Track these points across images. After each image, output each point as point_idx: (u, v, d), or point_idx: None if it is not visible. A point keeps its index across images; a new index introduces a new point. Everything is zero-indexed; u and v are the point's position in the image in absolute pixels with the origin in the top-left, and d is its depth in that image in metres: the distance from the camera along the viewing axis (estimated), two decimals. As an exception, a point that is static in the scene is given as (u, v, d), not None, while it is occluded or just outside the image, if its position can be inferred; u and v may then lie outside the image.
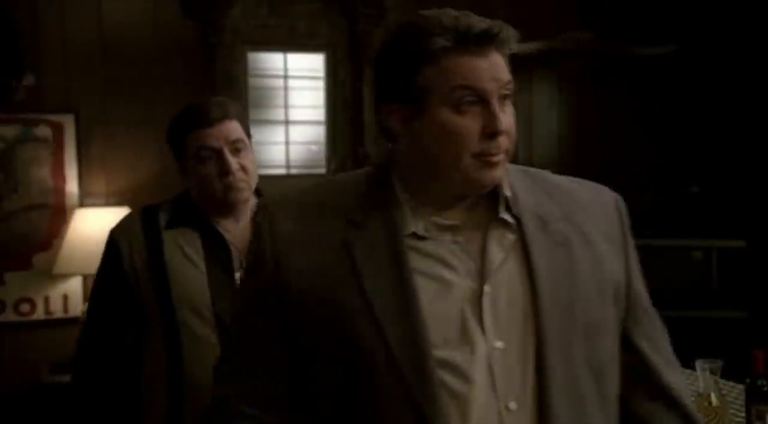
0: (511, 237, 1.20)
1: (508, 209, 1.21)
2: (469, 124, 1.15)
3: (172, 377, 1.96)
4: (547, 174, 1.33)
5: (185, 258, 1.98)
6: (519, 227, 1.21)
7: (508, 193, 1.22)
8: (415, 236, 1.18)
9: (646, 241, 4.49)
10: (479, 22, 1.15)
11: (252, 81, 4.24)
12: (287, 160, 4.28)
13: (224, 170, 1.93)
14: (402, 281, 1.14)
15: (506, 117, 1.17)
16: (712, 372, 1.96)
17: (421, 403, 1.11)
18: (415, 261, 1.16)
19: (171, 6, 3.99)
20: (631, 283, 1.28)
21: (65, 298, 3.78)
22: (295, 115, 4.29)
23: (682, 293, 4.25)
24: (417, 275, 1.15)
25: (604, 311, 1.22)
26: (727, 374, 2.15)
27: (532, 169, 1.31)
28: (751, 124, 4.62)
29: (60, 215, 3.78)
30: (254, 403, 1.22)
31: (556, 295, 1.17)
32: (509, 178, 1.24)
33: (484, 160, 1.16)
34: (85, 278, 3.74)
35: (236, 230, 2.03)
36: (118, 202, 3.78)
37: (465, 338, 1.14)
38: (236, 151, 1.96)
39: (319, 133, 4.32)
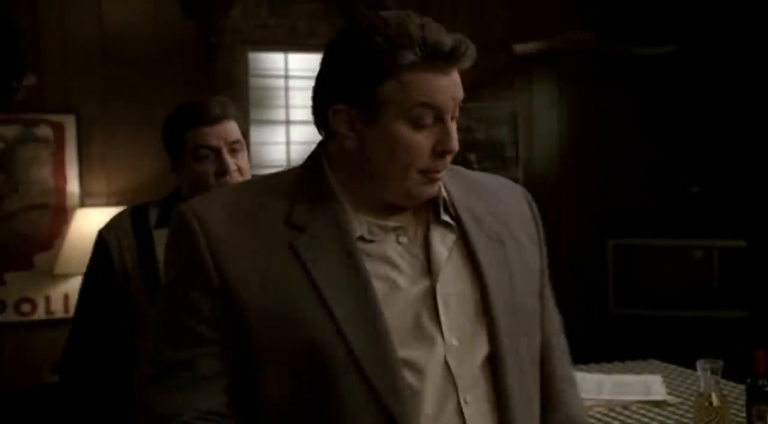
0: (452, 236, 1.21)
1: (446, 210, 1.22)
2: (423, 140, 1.14)
3: None
4: (466, 171, 1.34)
5: None
6: (458, 226, 1.22)
7: (444, 193, 1.23)
8: (362, 238, 1.17)
9: (646, 241, 4.50)
10: (447, 38, 1.13)
11: (252, 81, 4.24)
12: (288, 160, 4.28)
13: (222, 170, 1.92)
14: (359, 285, 1.13)
15: (455, 132, 1.18)
16: (713, 372, 1.96)
17: (389, 404, 1.10)
18: (366, 264, 1.14)
19: (171, 6, 3.99)
20: (544, 277, 1.33)
21: (66, 298, 3.77)
22: (295, 115, 4.29)
23: (682, 292, 4.25)
24: (375, 279, 1.14)
25: (533, 304, 1.27)
26: (728, 374, 2.15)
27: (452, 166, 1.27)
28: (751, 124, 4.62)
29: (61, 215, 3.78)
30: (202, 418, 1.14)
31: (500, 288, 1.20)
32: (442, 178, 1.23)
33: (429, 176, 1.17)
34: (85, 278, 3.74)
35: None
36: (119, 202, 3.78)
37: (422, 337, 1.14)
38: (234, 152, 1.95)
39: (319, 133, 4.32)
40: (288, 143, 4.29)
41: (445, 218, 1.22)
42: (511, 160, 4.58)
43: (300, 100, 4.29)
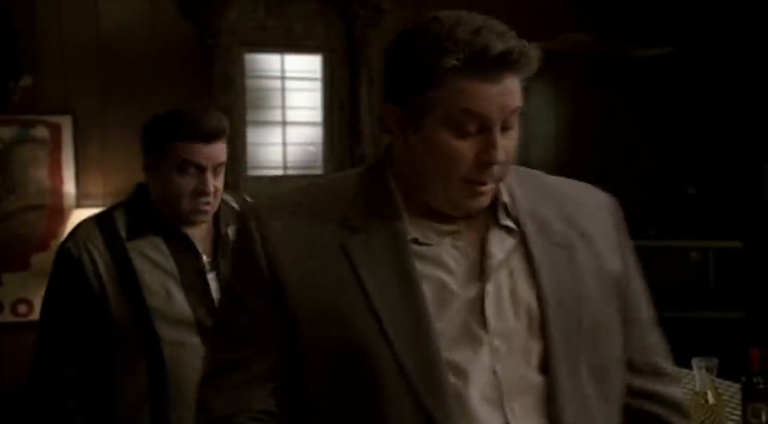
0: (511, 241, 1.17)
1: (507, 213, 1.19)
2: (465, 148, 1.10)
3: (155, 393, 1.89)
4: (542, 175, 1.30)
5: (156, 267, 1.91)
6: (519, 231, 1.18)
7: (506, 198, 1.19)
8: (416, 241, 1.15)
9: (643, 242, 4.49)
10: (498, 42, 1.07)
11: (249, 82, 4.24)
12: (284, 161, 4.28)
13: (200, 189, 1.89)
14: (408, 288, 1.11)
15: (507, 143, 1.13)
16: (708, 370, 1.97)
17: (432, 406, 1.08)
18: (418, 267, 1.13)
19: (168, 8, 3.99)
20: (629, 283, 1.26)
21: (62, 299, 3.77)
22: (292, 116, 4.29)
23: (679, 293, 4.26)
24: (421, 280, 1.12)
25: (608, 311, 1.19)
26: (724, 373, 2.16)
27: (528, 170, 1.28)
28: (747, 126, 4.62)
29: (57, 216, 3.78)
30: (255, 418, 1.16)
31: (559, 295, 1.15)
32: (508, 179, 1.20)
33: (473, 189, 1.13)
34: (82, 278, 3.74)
35: (200, 231, 1.99)
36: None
37: (469, 341, 1.12)
38: (216, 173, 1.92)
39: (316, 134, 4.33)
40: (284, 144, 4.28)
41: (505, 222, 1.18)
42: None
43: (296, 102, 4.29)
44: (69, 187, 3.82)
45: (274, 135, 4.29)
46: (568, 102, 4.75)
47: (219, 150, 1.92)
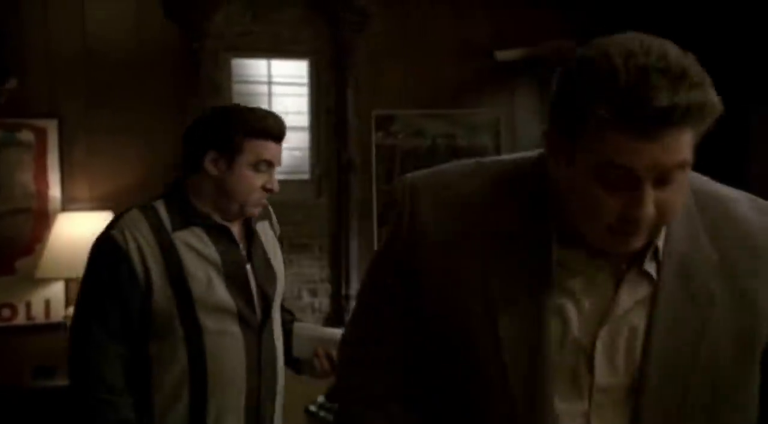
0: (645, 290, 1.09)
1: (655, 257, 1.10)
2: (611, 201, 1.01)
3: (194, 381, 1.94)
4: (734, 201, 1.16)
5: (200, 257, 1.97)
6: (658, 278, 1.09)
7: (660, 240, 1.09)
8: (558, 264, 1.09)
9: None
10: (663, 94, 0.94)
11: (236, 87, 4.24)
12: (271, 165, 4.29)
13: (269, 187, 2.02)
14: (536, 324, 1.06)
15: (665, 197, 1.01)
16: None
17: None
18: (554, 296, 1.08)
19: (154, 11, 3.99)
20: None
21: (47, 303, 3.75)
22: (278, 121, 4.30)
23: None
24: (549, 312, 1.07)
25: (739, 379, 1.09)
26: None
27: (717, 193, 1.16)
28: (725, 139, 4.67)
29: (43, 220, 3.76)
30: (381, 394, 1.18)
31: (671, 359, 1.07)
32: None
33: (616, 237, 1.03)
34: (67, 282, 3.72)
35: (236, 226, 2.08)
36: (101, 207, 3.77)
37: (573, 386, 1.08)
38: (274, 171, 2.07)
39: (303, 138, 4.33)
40: (271, 149, 4.29)
41: (647, 268, 1.09)
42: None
43: (284, 107, 4.30)
44: (54, 191, 3.81)
45: (261, 140, 4.29)
46: (553, 108, 4.77)
47: (280, 149, 2.06)
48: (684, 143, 0.98)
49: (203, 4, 4.01)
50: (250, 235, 2.10)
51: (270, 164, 2.01)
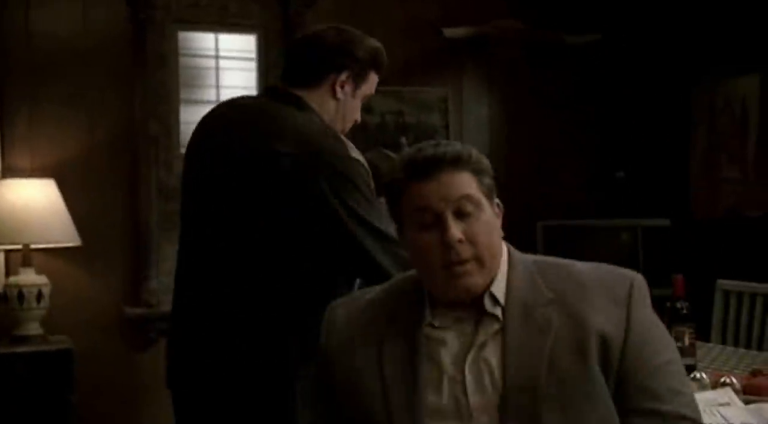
0: (495, 326, 1.36)
1: (496, 302, 1.37)
2: (428, 240, 1.34)
3: None
4: (565, 262, 1.44)
5: None
6: (504, 316, 1.36)
7: (497, 290, 1.37)
8: (431, 325, 1.38)
9: (574, 222, 4.60)
10: (428, 150, 1.35)
11: (183, 60, 4.20)
12: (219, 140, 4.25)
13: (358, 121, 2.04)
14: (411, 367, 1.35)
15: (469, 227, 1.33)
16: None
17: None
18: (427, 347, 1.37)
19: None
20: (626, 352, 1.32)
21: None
22: (226, 95, 4.24)
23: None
24: (426, 361, 1.36)
25: (585, 379, 1.30)
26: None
27: (556, 262, 1.43)
28: (669, 112, 4.77)
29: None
30: None
31: (524, 373, 1.31)
32: (511, 272, 1.40)
33: (451, 270, 1.33)
34: (7, 253, 3.65)
35: None
36: (43, 176, 3.70)
37: (457, 412, 1.32)
38: None
39: (251, 114, 4.29)
40: (219, 124, 4.25)
41: (492, 310, 1.36)
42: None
43: (231, 81, 4.27)
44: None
45: (208, 114, 4.25)
46: (501, 87, 4.82)
47: None
48: (462, 182, 1.34)
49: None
50: None
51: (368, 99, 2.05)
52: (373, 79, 1.99)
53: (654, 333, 1.35)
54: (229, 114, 1.93)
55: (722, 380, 1.94)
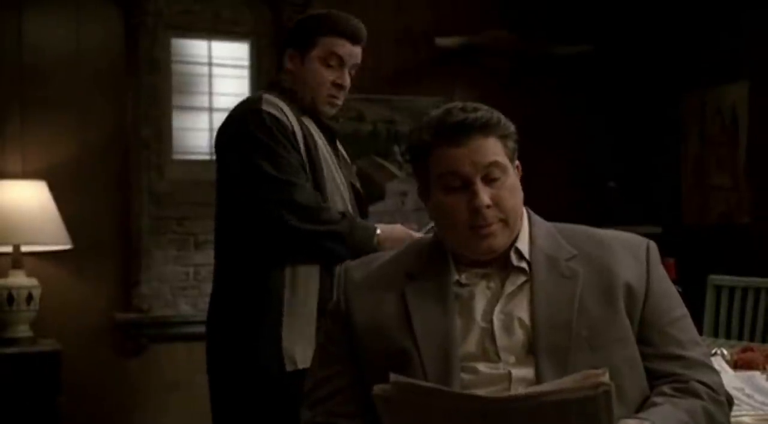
0: (522, 278, 1.41)
1: (521, 257, 1.42)
2: (455, 202, 1.38)
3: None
4: (582, 227, 1.49)
5: (321, 142, 2.16)
6: (530, 270, 1.41)
7: (522, 246, 1.42)
8: (458, 283, 1.42)
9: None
10: (457, 115, 1.37)
11: (175, 67, 4.22)
12: (210, 146, 4.25)
13: (338, 82, 2.16)
14: (444, 320, 1.38)
15: (497, 192, 1.38)
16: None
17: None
18: (455, 303, 1.40)
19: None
20: (648, 302, 1.39)
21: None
22: (219, 102, 4.27)
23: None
24: (456, 316, 1.39)
25: (613, 323, 1.36)
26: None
27: (574, 227, 1.48)
28: (660, 121, 4.80)
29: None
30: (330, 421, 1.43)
31: (553, 319, 1.35)
32: (533, 229, 1.45)
33: (477, 232, 1.38)
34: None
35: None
36: (34, 177, 3.69)
37: (485, 356, 1.36)
38: (349, 74, 2.22)
39: (243, 121, 4.30)
40: (211, 130, 4.25)
41: (519, 264, 1.41)
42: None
43: (224, 88, 4.29)
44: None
45: (201, 121, 4.26)
46: (493, 97, 4.82)
47: (358, 53, 2.20)
48: (490, 148, 1.39)
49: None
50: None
51: (341, 61, 2.15)
52: (329, 42, 2.15)
53: (671, 290, 1.43)
54: None
55: (713, 350, 1.99)
